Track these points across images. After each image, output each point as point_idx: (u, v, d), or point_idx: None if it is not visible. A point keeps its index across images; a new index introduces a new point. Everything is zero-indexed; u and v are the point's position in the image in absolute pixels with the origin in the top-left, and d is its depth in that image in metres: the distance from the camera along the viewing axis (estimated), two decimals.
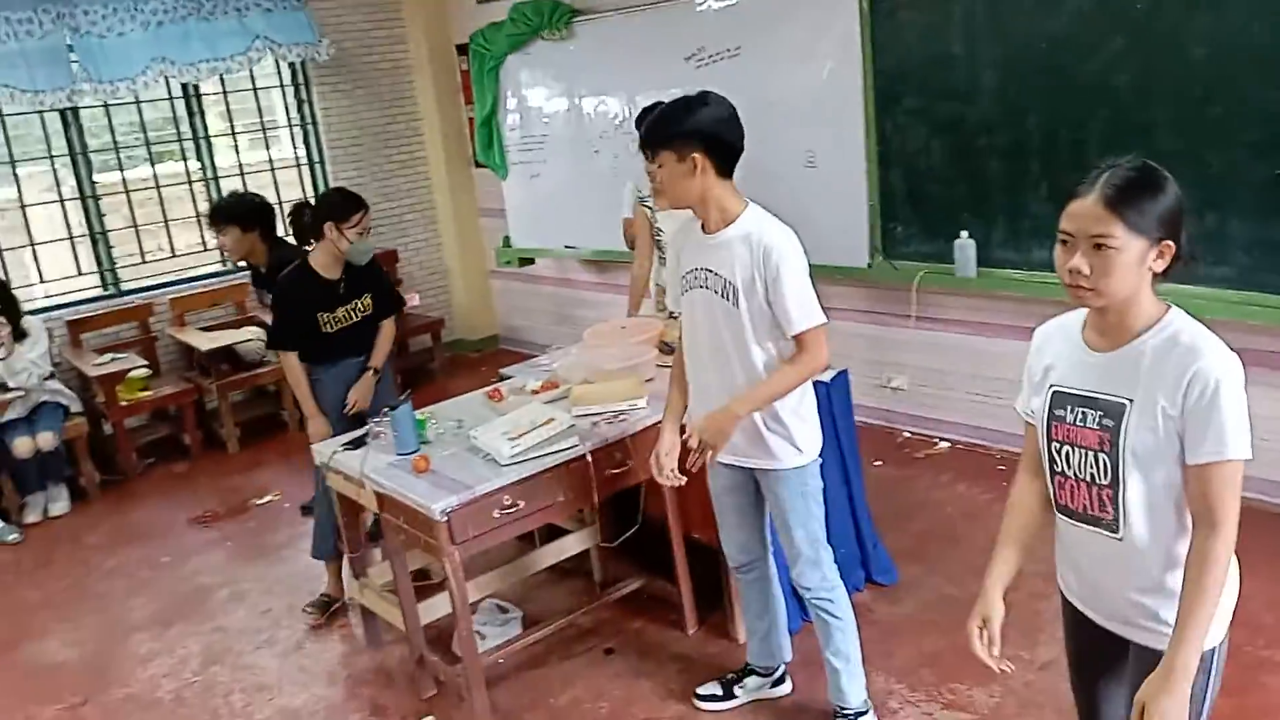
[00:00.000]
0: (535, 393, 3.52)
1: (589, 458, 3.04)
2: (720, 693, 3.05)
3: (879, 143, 4.58)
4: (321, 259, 3.79)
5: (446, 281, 7.40)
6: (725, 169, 2.52)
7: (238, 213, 4.32)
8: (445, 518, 2.80)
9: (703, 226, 2.59)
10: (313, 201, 4.17)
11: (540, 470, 2.97)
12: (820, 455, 2.72)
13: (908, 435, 4.89)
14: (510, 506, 2.92)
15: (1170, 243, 1.64)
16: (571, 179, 6.16)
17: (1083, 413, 1.73)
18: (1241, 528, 1.63)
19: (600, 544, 3.65)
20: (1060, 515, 1.85)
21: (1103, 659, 1.91)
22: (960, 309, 4.58)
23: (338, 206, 3.78)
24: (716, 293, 2.56)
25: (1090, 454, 1.73)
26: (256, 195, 4.64)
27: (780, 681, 3.08)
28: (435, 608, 3.32)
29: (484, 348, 7.43)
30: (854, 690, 2.82)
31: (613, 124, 5.78)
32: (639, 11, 5.45)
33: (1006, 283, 4.24)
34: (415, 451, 3.12)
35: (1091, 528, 1.77)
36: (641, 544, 3.37)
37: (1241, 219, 3.55)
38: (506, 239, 6.88)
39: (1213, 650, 1.71)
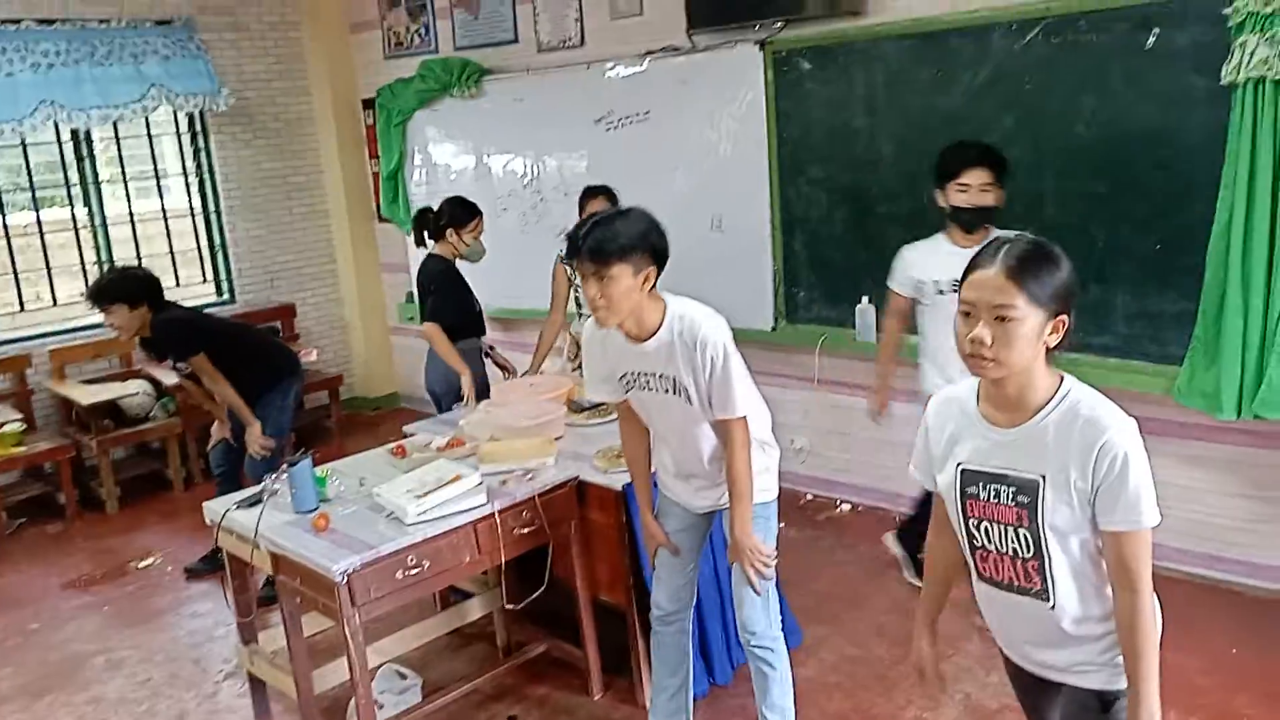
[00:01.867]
0: (440, 450, 3.45)
1: (497, 516, 2.98)
2: None
3: (783, 209, 4.69)
4: (450, 254, 4.46)
5: (346, 337, 7.24)
6: (656, 282, 2.56)
7: (124, 289, 4.14)
8: (345, 579, 2.69)
9: (626, 335, 2.60)
10: (434, 208, 4.58)
11: (447, 530, 2.89)
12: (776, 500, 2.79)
13: (811, 497, 4.94)
14: (415, 567, 2.83)
15: (1064, 317, 1.70)
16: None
17: (995, 489, 1.77)
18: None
19: (506, 606, 3.56)
20: (984, 584, 1.88)
21: (1043, 695, 1.96)
22: (861, 373, 4.67)
23: (459, 214, 4.43)
24: (665, 391, 2.61)
25: (1010, 529, 1.77)
26: (137, 267, 4.57)
27: None
28: (330, 675, 3.19)
29: (383, 405, 7.27)
30: None
31: (521, 182, 5.80)
32: (549, 73, 5.51)
33: (906, 349, 4.35)
34: (315, 510, 3.01)
35: (1020, 596, 1.81)
36: (546, 607, 3.31)
37: (1124, 291, 3.73)
38: (410, 294, 6.77)
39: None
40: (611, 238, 2.45)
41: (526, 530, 3.08)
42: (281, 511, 3.04)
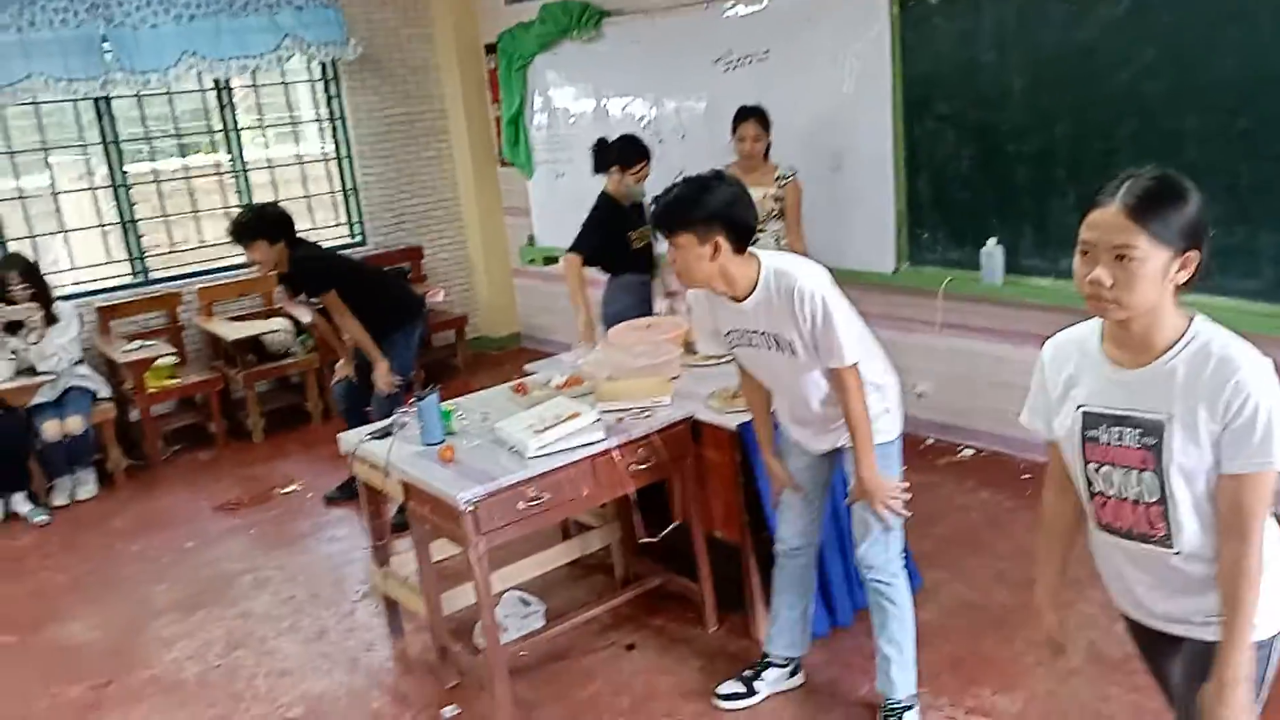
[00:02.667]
0: (559, 388, 3.55)
1: (614, 453, 3.06)
2: (742, 690, 3.06)
3: (906, 148, 4.59)
4: (614, 189, 4.57)
5: (470, 279, 7.44)
6: (742, 246, 2.57)
7: (263, 226, 4.37)
8: (470, 508, 2.82)
9: (730, 296, 2.63)
10: (607, 140, 4.69)
11: (565, 464, 2.99)
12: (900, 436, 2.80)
13: (931, 442, 4.89)
14: (535, 499, 2.94)
15: (1194, 253, 1.62)
16: (596, 180, 6.17)
17: (1119, 431, 1.72)
18: None
19: (631, 540, 3.65)
20: (1103, 533, 1.84)
21: (1164, 653, 1.92)
22: (986, 316, 4.57)
23: (627, 154, 4.51)
24: (768, 348, 2.65)
25: (1134, 473, 1.72)
26: (274, 205, 4.75)
27: (796, 672, 3.12)
28: (458, 598, 3.35)
29: (506, 345, 7.46)
30: (903, 681, 2.84)
31: (639, 126, 5.80)
32: (667, 14, 5.48)
33: (1034, 291, 4.24)
34: (441, 442, 3.15)
35: (1141, 544, 1.77)
36: (663, 541, 3.38)
37: (1271, 231, 3.54)
38: (531, 238, 6.91)
39: (1271, 640, 1.73)
40: (676, 208, 2.53)
41: (643, 466, 3.16)
42: (411, 443, 3.19)
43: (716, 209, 2.52)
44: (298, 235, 4.49)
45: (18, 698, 3.54)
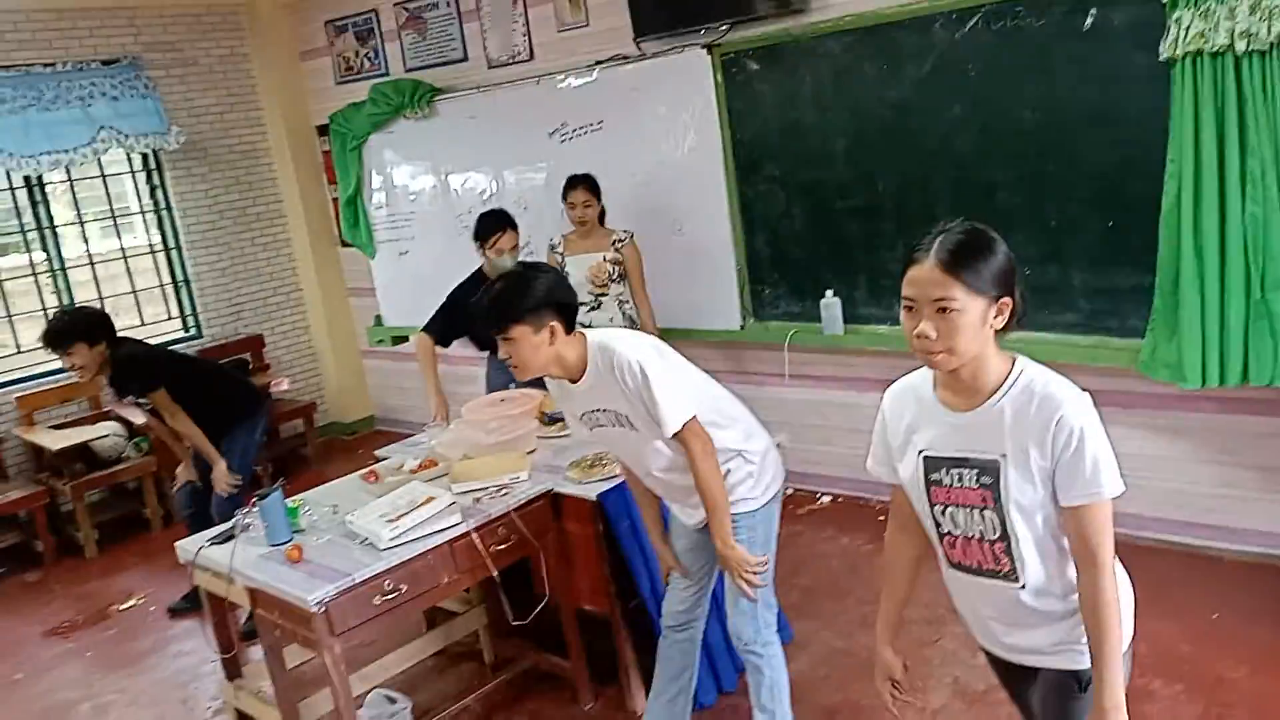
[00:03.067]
0: (414, 472, 3.44)
1: (474, 535, 2.98)
2: None
3: (742, 209, 4.72)
4: (486, 266, 4.36)
5: (317, 363, 7.21)
6: (571, 326, 2.59)
7: (80, 329, 4.11)
8: (323, 608, 2.68)
9: (568, 379, 2.64)
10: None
11: (422, 551, 2.89)
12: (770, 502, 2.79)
13: (791, 491, 4.96)
14: (392, 592, 2.82)
15: (1007, 299, 1.71)
16: (442, 255, 6.11)
17: (959, 473, 1.78)
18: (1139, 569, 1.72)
19: (503, 621, 3.54)
20: (955, 571, 1.89)
21: (1022, 683, 1.97)
22: (831, 365, 4.71)
23: (481, 228, 4.36)
24: (613, 425, 2.64)
25: (975, 511, 1.78)
26: (89, 308, 4.53)
27: None
28: (317, 706, 3.17)
29: (360, 429, 7.24)
30: None
31: (480, 199, 5.79)
32: (500, 89, 5.52)
33: (872, 337, 4.40)
34: (288, 541, 2.99)
35: (990, 580, 1.82)
36: (533, 620, 3.30)
37: (1083, 269, 3.78)
38: (378, 318, 6.76)
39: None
40: (506, 301, 2.52)
41: (504, 546, 3.08)
42: (255, 545, 3.02)
43: (544, 295, 2.52)
44: (119, 334, 4.25)
45: None
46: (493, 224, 4.35)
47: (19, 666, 4.36)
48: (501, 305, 2.52)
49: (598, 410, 2.65)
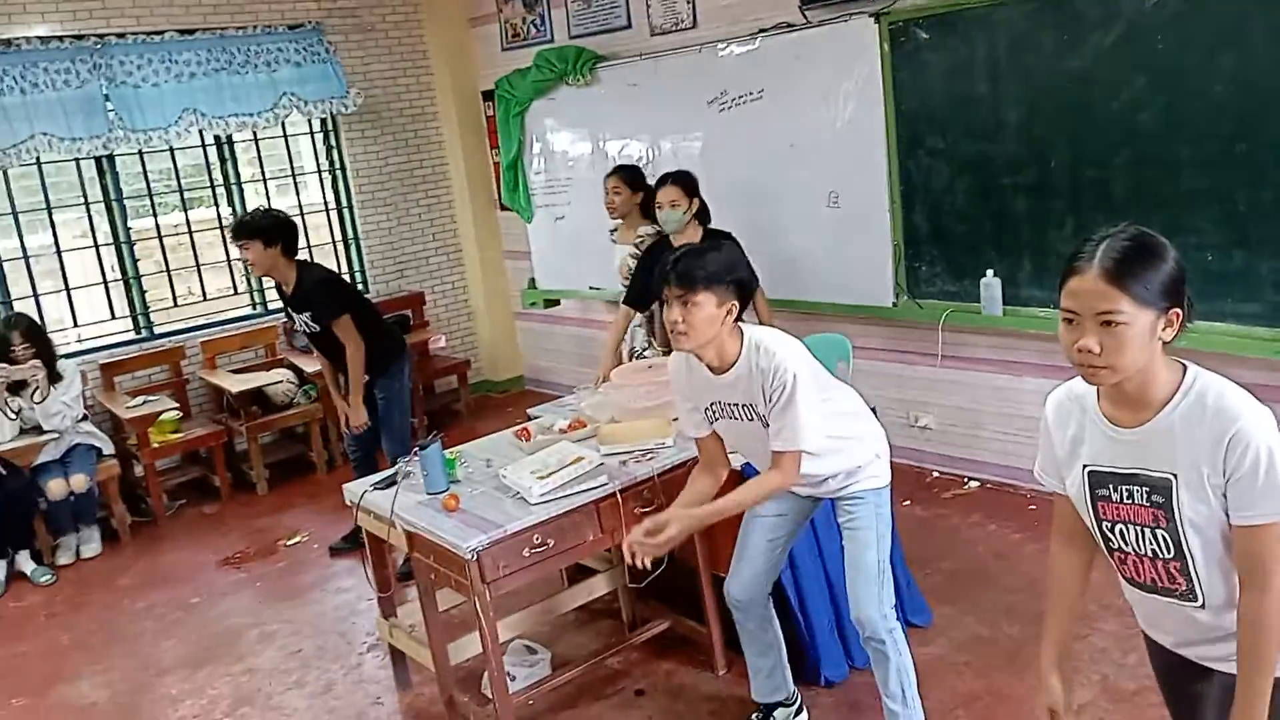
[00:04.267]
0: (563, 431, 3.54)
1: (619, 496, 3.05)
2: None
3: (902, 182, 4.61)
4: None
5: (472, 323, 7.46)
6: (741, 316, 2.60)
7: (260, 227, 4.39)
8: (475, 556, 2.80)
9: (709, 367, 2.64)
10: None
11: (570, 509, 2.98)
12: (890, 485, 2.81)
13: (936, 475, 4.86)
14: (540, 545, 2.92)
15: (1177, 310, 1.59)
16: (595, 221, 6.20)
17: (1128, 490, 1.69)
18: None
19: (629, 584, 3.63)
20: (1130, 587, 1.80)
21: (1192, 681, 1.85)
22: (987, 347, 4.57)
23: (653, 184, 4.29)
24: (748, 419, 2.64)
25: (1147, 530, 1.69)
26: (279, 211, 4.72)
27: (801, 710, 3.08)
28: (464, 648, 3.32)
29: (509, 388, 7.47)
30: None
31: (636, 165, 5.84)
32: (662, 57, 5.53)
33: (1033, 321, 4.24)
34: (445, 491, 3.13)
35: (1167, 599, 1.74)
36: (670, 585, 3.36)
37: (1269, 257, 3.54)
38: (532, 280, 6.94)
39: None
40: (701, 266, 2.51)
41: (648, 509, 3.13)
42: (415, 492, 3.18)
43: (736, 273, 2.55)
44: (298, 255, 4.53)
45: None
46: (658, 181, 4.29)
47: (196, 590, 4.72)
48: (699, 265, 2.52)
49: (733, 404, 2.65)
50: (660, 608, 3.61)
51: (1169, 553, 1.68)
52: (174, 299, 6.38)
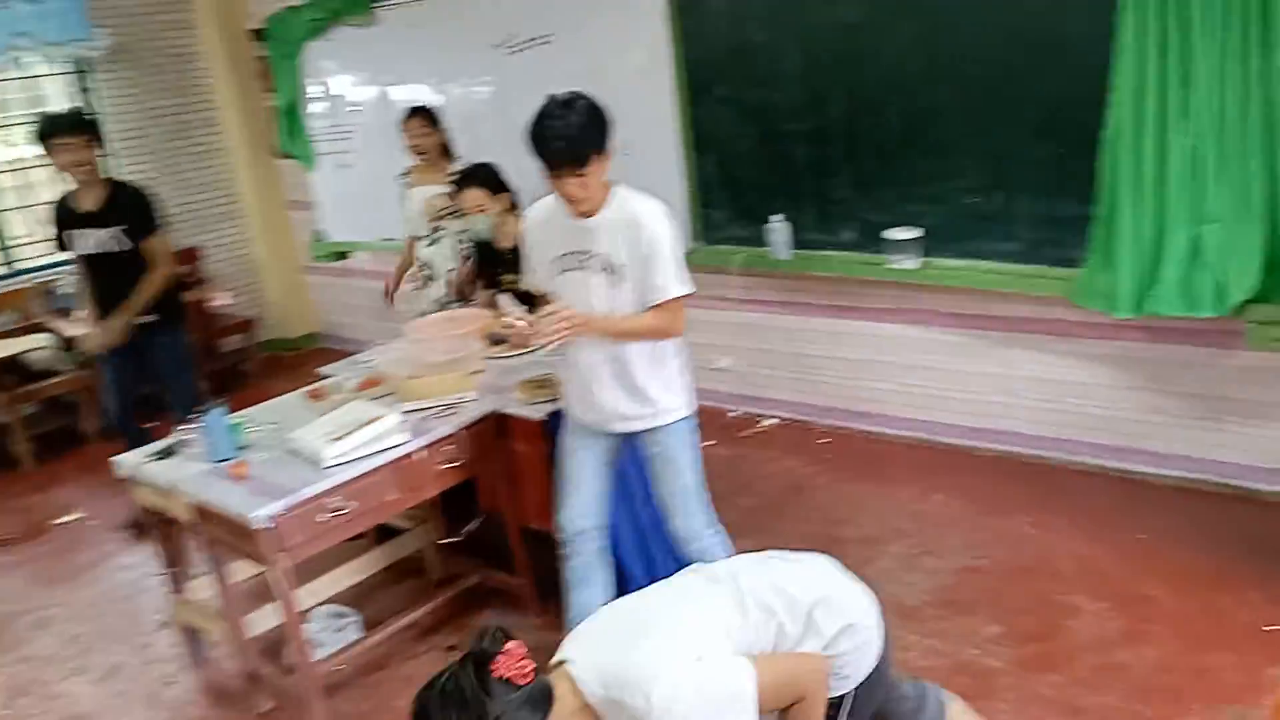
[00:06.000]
0: (358, 389, 3.43)
1: (419, 454, 2.99)
2: None
3: (692, 129, 4.67)
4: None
5: (258, 278, 7.07)
6: None
7: (90, 122, 4.19)
8: (269, 525, 2.69)
9: (575, 213, 2.64)
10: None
11: (369, 470, 2.89)
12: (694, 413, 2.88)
13: (735, 415, 5.04)
14: (338, 510, 2.83)
15: None
16: (385, 169, 5.97)
17: None
18: (1025, 484, 1.77)
19: (440, 541, 3.59)
20: None
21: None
22: (777, 290, 4.74)
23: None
24: (595, 271, 2.65)
25: None
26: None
27: None
28: (266, 618, 3.19)
29: (302, 345, 7.15)
30: None
31: None
32: None
33: (819, 263, 4.42)
34: (231, 458, 2.98)
35: None
36: (477, 540, 3.34)
37: (1026, 197, 3.81)
38: (318, 233, 6.63)
39: None
40: (584, 138, 2.52)
41: (451, 465, 3.10)
42: (197, 462, 3.00)
43: (608, 126, 2.58)
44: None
45: None
46: (457, 182, 3.88)
47: None
48: (585, 137, 2.51)
49: (586, 253, 2.65)
50: (469, 562, 3.58)
51: None
52: None
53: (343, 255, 6.61)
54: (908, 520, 3.78)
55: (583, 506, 2.89)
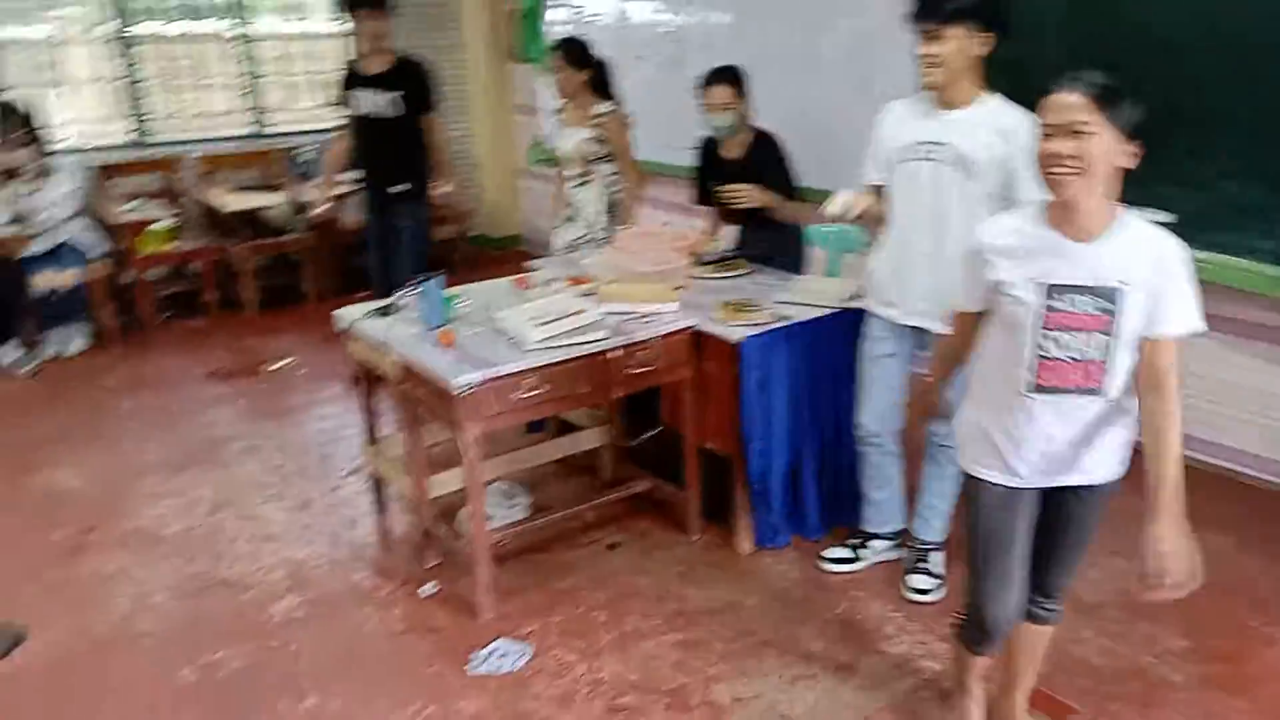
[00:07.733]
0: (565, 285, 3.53)
1: (615, 353, 3.06)
2: (848, 555, 3.24)
3: None
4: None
5: (475, 176, 7.34)
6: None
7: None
8: (466, 393, 2.82)
9: (940, 102, 2.64)
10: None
11: (565, 359, 2.98)
12: None
13: None
14: (532, 389, 2.94)
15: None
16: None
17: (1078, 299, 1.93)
18: (1242, 504, 1.69)
19: (616, 444, 3.68)
20: (1031, 394, 2.02)
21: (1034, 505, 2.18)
22: None
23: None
24: (946, 163, 2.64)
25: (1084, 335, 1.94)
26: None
27: (900, 545, 3.26)
28: (445, 483, 3.37)
29: (506, 246, 7.41)
30: (941, 527, 3.12)
31: (658, 32, 5.67)
32: None
33: None
34: (442, 326, 3.14)
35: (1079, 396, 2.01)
36: (651, 450, 3.39)
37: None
38: (538, 139, 6.80)
39: None
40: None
41: (641, 370, 3.16)
42: (410, 325, 3.18)
43: (991, 4, 2.55)
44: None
45: (3, 538, 3.58)
46: (706, 79, 3.73)
47: (181, 398, 4.76)
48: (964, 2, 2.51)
49: (940, 144, 2.64)
50: (641, 470, 3.66)
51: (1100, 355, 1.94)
52: (169, 111, 6.21)
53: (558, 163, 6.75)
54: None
55: (881, 410, 3.02)
